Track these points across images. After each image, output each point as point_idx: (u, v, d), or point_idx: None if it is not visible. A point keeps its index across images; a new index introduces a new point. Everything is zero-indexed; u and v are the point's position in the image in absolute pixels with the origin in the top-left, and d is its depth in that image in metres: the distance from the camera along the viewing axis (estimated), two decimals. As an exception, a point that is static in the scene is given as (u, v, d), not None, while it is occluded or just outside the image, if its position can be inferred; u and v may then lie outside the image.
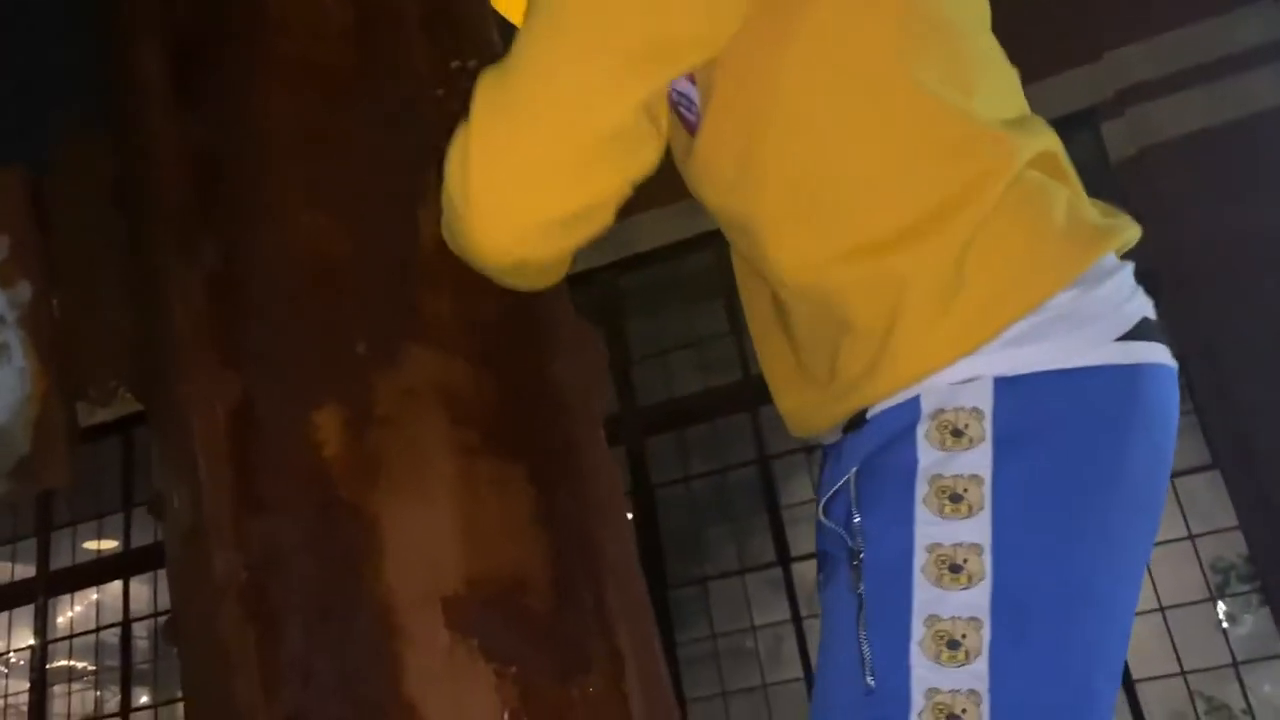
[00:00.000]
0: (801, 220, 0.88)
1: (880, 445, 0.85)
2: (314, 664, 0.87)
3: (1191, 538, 5.14)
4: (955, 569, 0.80)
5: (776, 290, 0.93)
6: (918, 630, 0.80)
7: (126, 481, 7.75)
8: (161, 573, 7.64)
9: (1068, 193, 0.88)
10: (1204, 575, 5.14)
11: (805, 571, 5.69)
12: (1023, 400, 0.81)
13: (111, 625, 7.92)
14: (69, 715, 8.08)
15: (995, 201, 0.83)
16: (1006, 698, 0.78)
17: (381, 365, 0.96)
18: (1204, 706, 4.96)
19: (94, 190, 1.15)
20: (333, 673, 0.87)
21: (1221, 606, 5.24)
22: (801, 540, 5.85)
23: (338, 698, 0.86)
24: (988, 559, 0.79)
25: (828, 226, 0.87)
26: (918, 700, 0.79)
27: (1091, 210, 0.89)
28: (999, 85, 0.94)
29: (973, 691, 0.78)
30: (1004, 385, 0.81)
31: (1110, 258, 0.87)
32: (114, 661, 7.94)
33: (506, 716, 0.89)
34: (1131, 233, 0.90)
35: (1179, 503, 5.19)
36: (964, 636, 0.79)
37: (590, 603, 0.96)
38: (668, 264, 6.20)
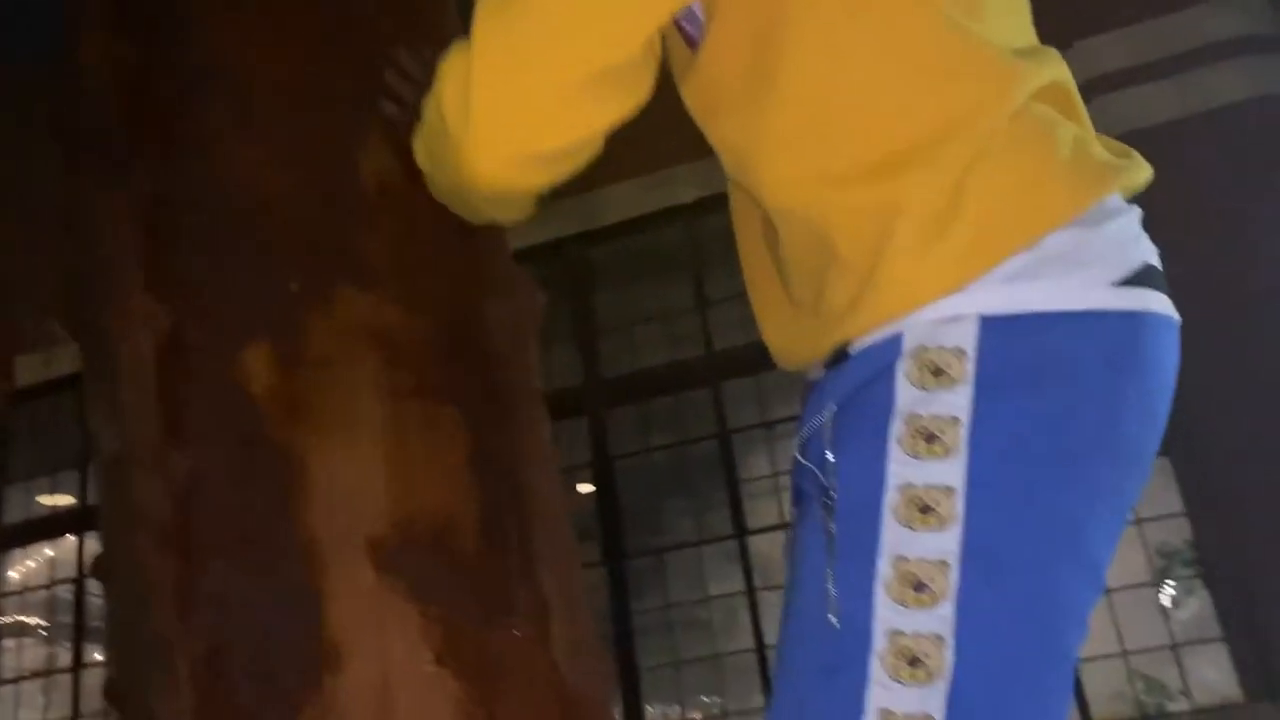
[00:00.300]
0: (800, 138, 0.85)
1: (860, 382, 0.83)
2: (235, 598, 0.87)
3: (1139, 522, 5.24)
4: (926, 510, 0.78)
5: (770, 213, 0.89)
6: (884, 571, 0.78)
7: (83, 437, 7.66)
8: (116, 530, 7.57)
9: (1075, 128, 0.84)
10: (1149, 559, 5.25)
11: (761, 544, 5.73)
12: (1011, 342, 0.78)
13: (65, 581, 7.85)
14: (21, 670, 8.01)
15: (996, 130, 0.80)
16: (971, 644, 0.76)
17: (314, 305, 0.95)
18: (1142, 686, 5.07)
19: (27, 125, 1.13)
20: (254, 607, 0.87)
21: (1168, 589, 5.35)
22: (759, 514, 5.89)
23: (259, 632, 0.87)
24: (960, 503, 0.77)
25: (827, 145, 0.84)
26: (879, 641, 0.77)
27: (1100, 148, 0.85)
28: (1009, 13, 0.90)
29: (937, 636, 0.77)
30: (991, 325, 0.78)
31: (1115, 198, 0.84)
32: (67, 618, 7.88)
33: (430, 656, 0.89)
34: (1142, 174, 0.86)
35: (1129, 487, 5.28)
36: (931, 580, 0.77)
37: (518, 547, 0.97)
38: (637, 237, 6.18)
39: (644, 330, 6.59)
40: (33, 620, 8.27)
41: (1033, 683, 0.80)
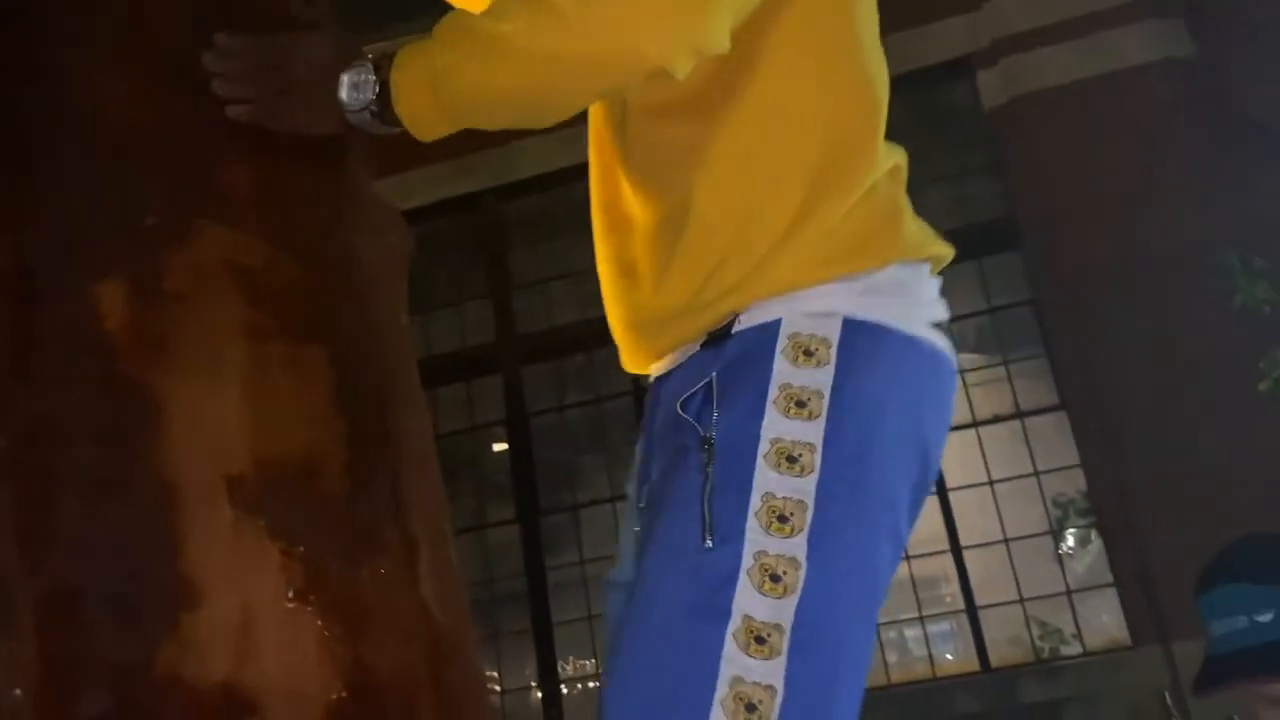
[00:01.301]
0: (744, 152, 1.04)
1: (742, 354, 1.01)
2: (88, 536, 0.85)
3: (1036, 474, 5.41)
4: (791, 460, 0.96)
5: (672, 207, 1.06)
6: (755, 503, 0.95)
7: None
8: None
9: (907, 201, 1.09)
10: (1046, 510, 5.43)
11: (674, 500, 5.81)
12: (863, 341, 1.00)
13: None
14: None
15: (879, 180, 1.05)
16: (818, 567, 0.93)
17: (171, 239, 0.93)
18: (1039, 631, 5.27)
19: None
20: (108, 546, 0.85)
21: (1069, 539, 5.55)
22: (672, 470, 5.97)
23: (113, 571, 0.85)
24: (818, 456, 0.96)
25: (765, 160, 1.04)
26: (748, 560, 0.93)
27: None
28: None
29: (793, 559, 0.93)
30: (850, 324, 1.00)
31: (928, 265, 1.07)
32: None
33: (291, 594, 0.89)
34: (949, 252, 1.08)
35: (1026, 441, 5.44)
36: (791, 514, 0.95)
37: (386, 489, 0.96)
38: (552, 192, 6.14)
39: (559, 287, 6.58)
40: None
41: (861, 610, 0.97)
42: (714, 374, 1.01)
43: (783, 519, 0.94)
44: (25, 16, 0.95)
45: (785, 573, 0.93)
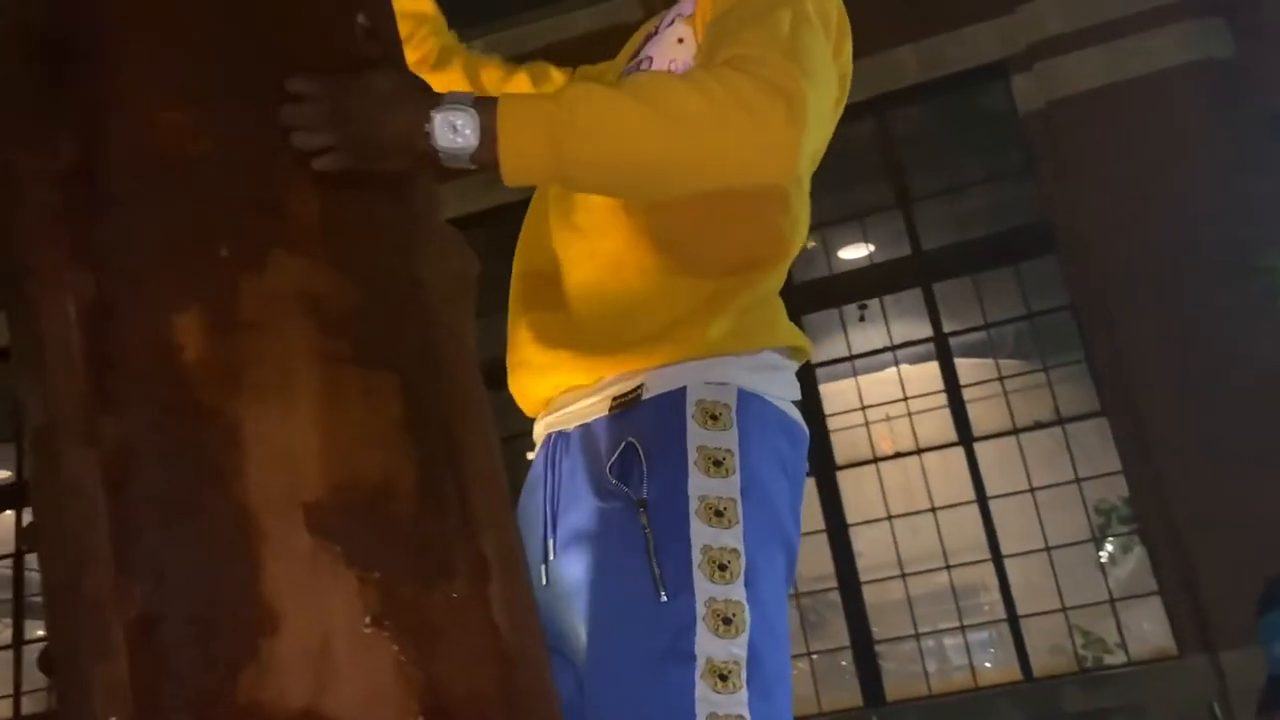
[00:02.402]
0: (696, 221, 1.19)
1: (657, 421, 1.14)
2: (168, 563, 0.86)
3: (1078, 481, 5.36)
4: (719, 514, 1.09)
5: (607, 255, 1.21)
6: (696, 557, 1.07)
7: (18, 411, 7.50)
8: (57, 504, 7.44)
9: None
10: (1088, 517, 5.37)
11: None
12: (753, 407, 1.16)
13: (4, 557, 7.71)
14: (-41, 648, 7.88)
15: (775, 283, 1.25)
16: (756, 605, 1.07)
17: (245, 269, 0.94)
18: (1081, 640, 5.22)
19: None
20: (188, 573, 0.86)
21: (1106, 548, 5.50)
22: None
23: (193, 598, 0.86)
24: (740, 508, 1.10)
25: (714, 234, 1.20)
26: (701, 607, 1.05)
27: None
28: None
29: (738, 601, 1.06)
30: (743, 393, 1.16)
31: (792, 354, 1.26)
32: (6, 594, 7.75)
33: (368, 620, 0.90)
34: (809, 346, 1.28)
35: (1068, 447, 5.39)
36: (729, 562, 1.07)
37: (456, 510, 0.97)
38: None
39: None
40: (-28, 597, 8.12)
41: (785, 635, 1.13)
42: (630, 439, 1.13)
43: (722, 567, 1.07)
44: (96, 55, 0.96)
45: (734, 615, 1.05)
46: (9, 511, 7.70)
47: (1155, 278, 5.11)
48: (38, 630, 7.76)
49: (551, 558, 1.17)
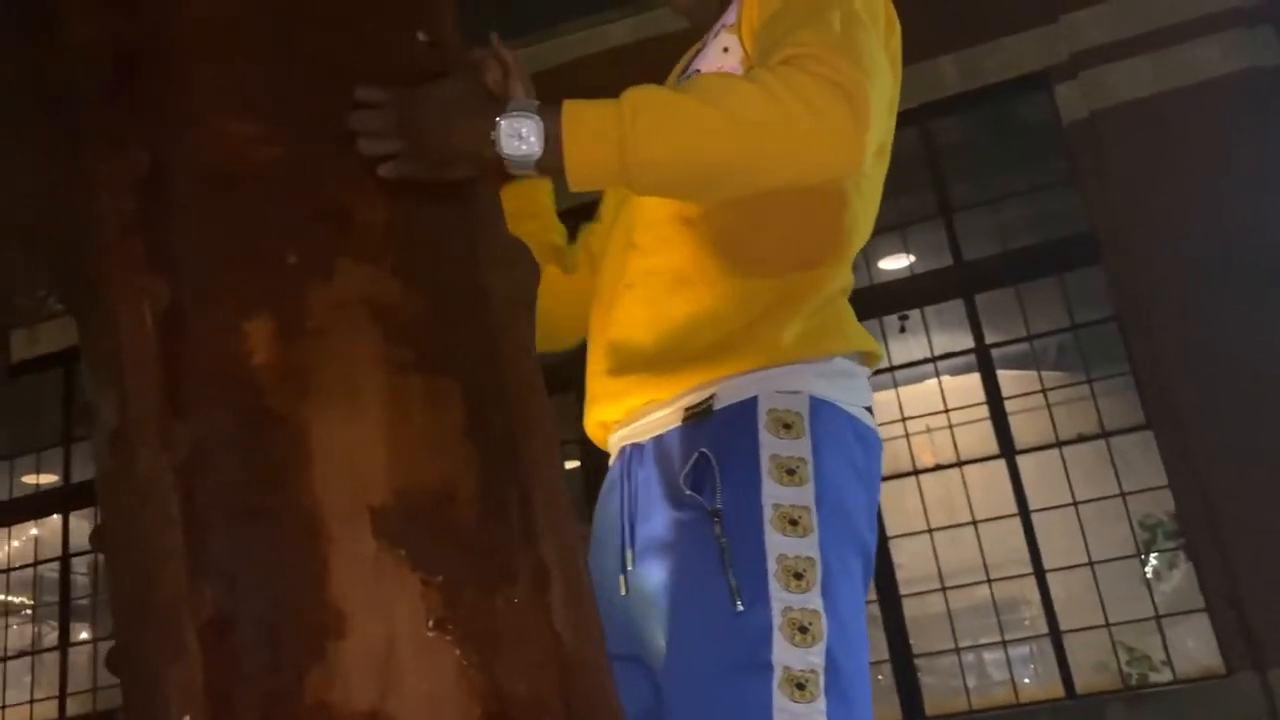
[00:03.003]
0: (766, 226, 1.20)
1: (729, 431, 1.14)
2: (238, 567, 0.87)
3: (1123, 495, 5.29)
4: (793, 522, 1.09)
5: (680, 266, 1.22)
6: (772, 566, 1.07)
7: (67, 415, 7.63)
8: (102, 509, 7.55)
9: None
10: (1132, 532, 5.30)
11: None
12: (825, 414, 1.16)
13: (50, 560, 7.84)
14: (6, 649, 8.01)
15: (841, 288, 1.25)
16: (833, 614, 1.07)
17: (313, 277, 0.95)
18: (1126, 657, 5.14)
19: (7, 91, 1.12)
20: (257, 576, 0.88)
21: (1149, 562, 5.41)
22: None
23: (262, 600, 0.87)
24: (814, 517, 1.09)
25: (786, 236, 1.21)
26: (777, 617, 1.05)
27: None
28: None
29: (815, 610, 1.06)
30: (815, 401, 1.15)
31: (864, 359, 1.26)
32: (53, 597, 7.87)
33: (431, 623, 0.90)
34: (880, 351, 1.27)
35: (1112, 461, 5.33)
36: (804, 571, 1.07)
37: (517, 516, 0.98)
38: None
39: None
40: (18, 600, 8.26)
41: (865, 643, 1.12)
42: (703, 450, 1.14)
43: (798, 576, 1.07)
44: (168, 68, 0.99)
45: (811, 623, 1.06)
46: (56, 516, 7.82)
47: (1202, 288, 5.04)
48: (82, 633, 7.87)
49: (630, 568, 1.17)
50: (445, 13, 1.09)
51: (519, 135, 0.98)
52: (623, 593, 1.18)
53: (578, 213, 1.51)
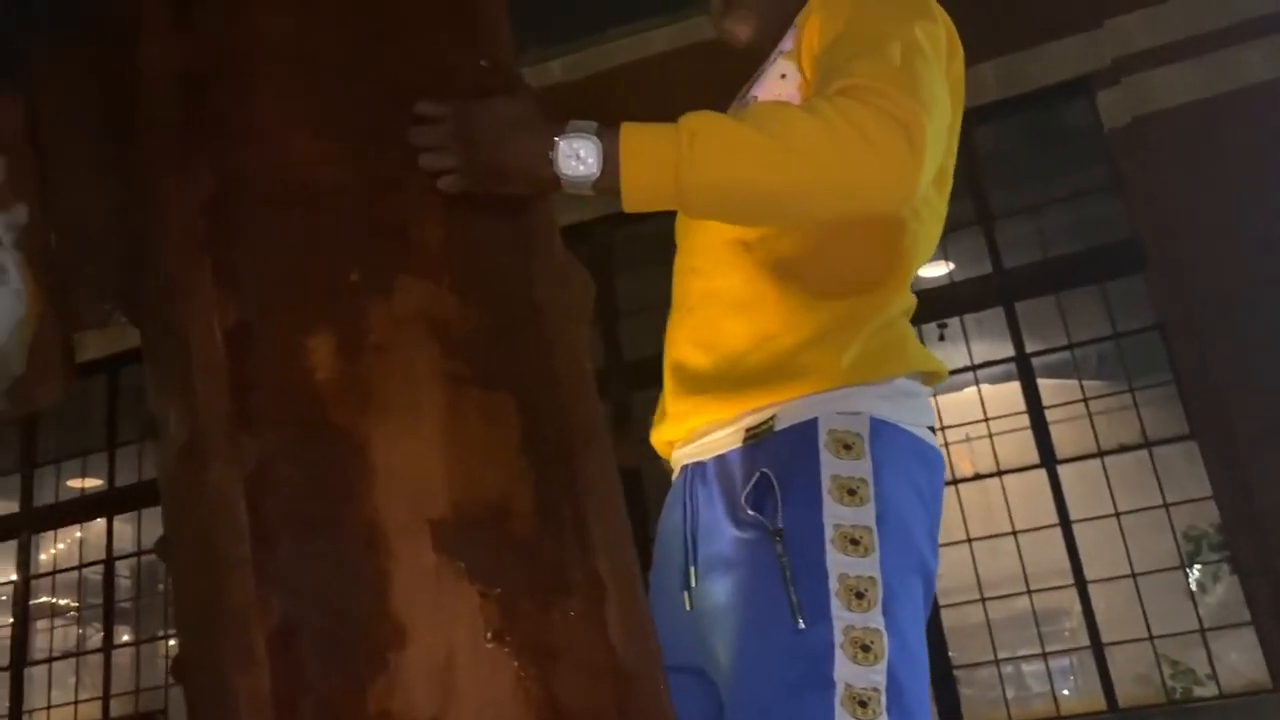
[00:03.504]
0: (834, 248, 1.21)
1: (790, 452, 1.15)
2: (303, 578, 0.89)
3: (1166, 506, 5.22)
4: (854, 542, 1.10)
5: (743, 282, 1.23)
6: (833, 585, 1.08)
7: (111, 420, 7.75)
8: (145, 512, 7.67)
9: None
10: (1176, 543, 5.23)
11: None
12: (886, 435, 1.16)
13: (94, 563, 7.96)
14: (51, 650, 8.14)
15: (904, 309, 1.26)
16: (895, 633, 1.08)
17: (374, 294, 0.97)
18: (1170, 671, 5.07)
19: (84, 109, 1.15)
20: (322, 587, 0.90)
21: (1193, 574, 5.33)
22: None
23: (324, 611, 0.89)
24: (876, 536, 1.11)
25: (849, 260, 1.22)
26: (839, 635, 1.06)
27: None
28: None
29: (876, 629, 1.07)
30: (875, 421, 1.16)
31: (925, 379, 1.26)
32: (96, 599, 7.99)
33: (489, 635, 0.92)
34: (945, 369, 1.28)
35: (1155, 472, 5.26)
36: (866, 591, 1.08)
37: (572, 530, 0.99)
38: (658, 220, 6.20)
39: (664, 314, 6.63)
40: (63, 602, 8.39)
41: (925, 662, 1.12)
42: (765, 469, 1.15)
43: (859, 595, 1.08)
44: (235, 89, 1.01)
45: (873, 642, 1.06)
46: (100, 519, 7.94)
47: (1247, 296, 4.97)
48: (125, 635, 7.99)
49: (694, 584, 1.18)
50: (502, 38, 1.11)
51: (577, 156, 1.00)
52: (687, 608, 1.19)
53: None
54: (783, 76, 1.23)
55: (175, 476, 0.95)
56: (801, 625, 1.06)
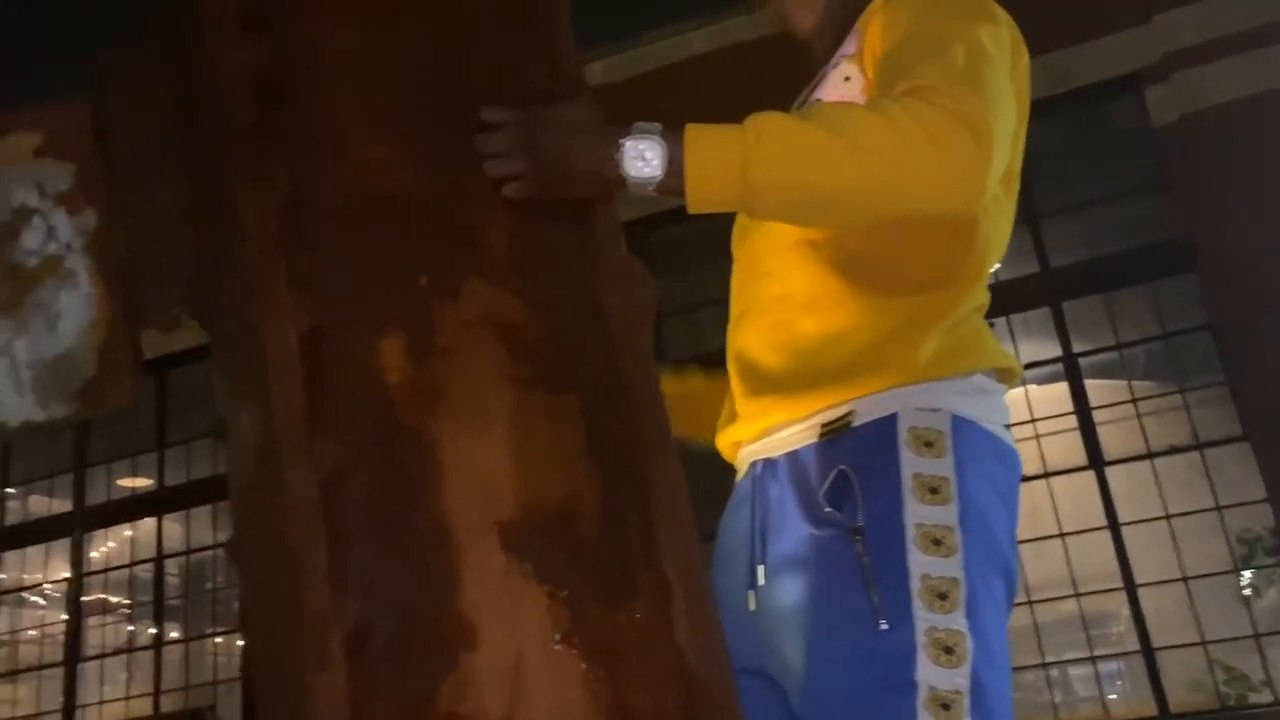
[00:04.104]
0: (904, 248, 1.21)
1: (867, 447, 1.14)
2: (376, 579, 0.90)
3: (1219, 509, 5.14)
4: (936, 542, 1.08)
5: (817, 284, 1.22)
6: (915, 585, 1.07)
7: (160, 421, 7.87)
8: (194, 512, 7.78)
9: None
10: (1229, 547, 5.14)
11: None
12: (966, 432, 1.15)
13: (145, 561, 8.09)
14: (103, 646, 8.29)
15: (977, 305, 1.25)
16: (978, 635, 1.06)
17: (442, 297, 0.98)
18: (1223, 676, 4.98)
19: (152, 114, 1.17)
20: (393, 588, 0.90)
21: (1246, 578, 5.24)
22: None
23: (397, 611, 0.90)
24: (959, 536, 1.09)
25: (922, 261, 1.21)
26: (921, 637, 1.05)
27: None
28: None
29: (959, 631, 1.05)
30: (957, 419, 1.15)
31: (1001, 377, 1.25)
32: (147, 596, 8.12)
33: (558, 637, 0.92)
34: (1020, 368, 1.28)
35: (1207, 474, 5.17)
36: (948, 592, 1.06)
37: (638, 532, 0.99)
38: (698, 221, 6.20)
39: (706, 315, 6.62)
40: (115, 599, 8.54)
41: (1008, 665, 1.11)
42: (843, 466, 1.13)
43: (942, 596, 1.06)
44: (307, 96, 1.02)
45: (955, 645, 1.05)
46: (150, 518, 8.07)
47: (1299, 294, 4.88)
48: (173, 633, 8.11)
49: (761, 583, 1.17)
50: (566, 44, 1.11)
51: (642, 157, 1.00)
52: (751, 608, 1.18)
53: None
54: (846, 79, 1.23)
55: (249, 479, 0.97)
56: (883, 626, 1.05)
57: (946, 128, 1.00)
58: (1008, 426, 1.23)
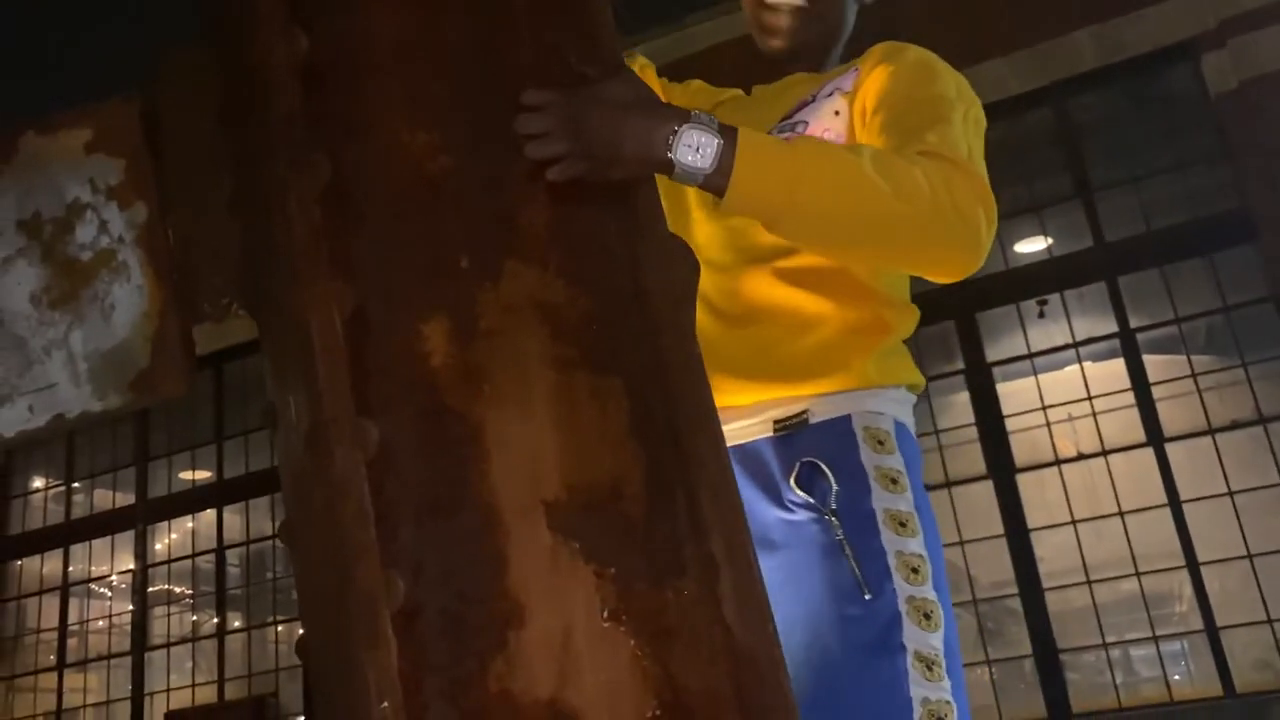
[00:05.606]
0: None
1: (830, 443, 1.27)
2: (424, 559, 0.91)
3: (1284, 485, 5.02)
4: (902, 524, 1.22)
5: (789, 278, 1.34)
6: (892, 561, 1.19)
7: (218, 414, 8.03)
8: (253, 503, 7.93)
9: None
10: (1295, 523, 5.02)
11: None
12: (903, 436, 1.32)
13: (206, 552, 8.27)
14: (168, 636, 8.49)
15: (913, 326, 1.41)
16: (946, 608, 1.21)
17: (484, 280, 0.99)
18: (1290, 655, 4.88)
19: (199, 108, 1.18)
20: (441, 567, 0.91)
21: (1313, 556, 5.12)
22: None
23: (445, 591, 0.91)
24: (918, 520, 1.24)
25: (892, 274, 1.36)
26: (903, 605, 1.17)
27: None
28: None
29: (933, 600, 1.19)
30: (897, 423, 1.32)
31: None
32: (209, 586, 8.31)
33: (605, 614, 0.93)
34: (923, 381, 1.42)
35: (1271, 448, 5.06)
36: (919, 566, 1.20)
37: (684, 511, 0.99)
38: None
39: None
40: (179, 589, 8.74)
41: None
42: (810, 458, 1.26)
43: (914, 570, 1.20)
44: (350, 81, 1.03)
45: (932, 612, 1.18)
46: (210, 510, 8.24)
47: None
48: (236, 621, 8.28)
49: None
50: (607, 28, 1.11)
51: (697, 147, 1.01)
52: None
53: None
54: (836, 113, 1.30)
55: (298, 463, 0.98)
56: (868, 595, 1.17)
57: (969, 200, 1.11)
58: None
